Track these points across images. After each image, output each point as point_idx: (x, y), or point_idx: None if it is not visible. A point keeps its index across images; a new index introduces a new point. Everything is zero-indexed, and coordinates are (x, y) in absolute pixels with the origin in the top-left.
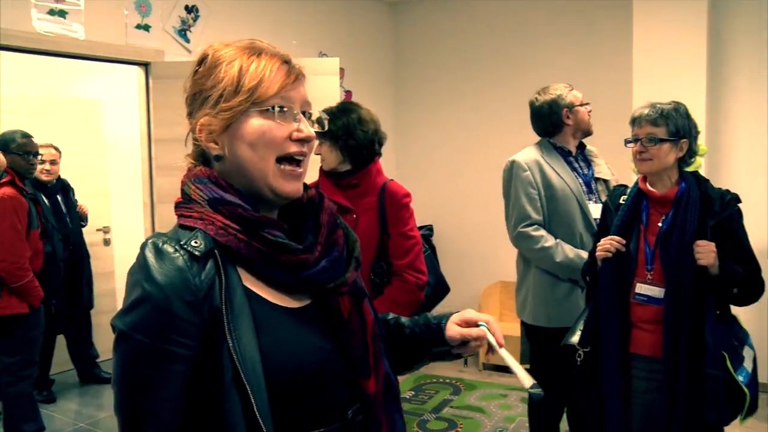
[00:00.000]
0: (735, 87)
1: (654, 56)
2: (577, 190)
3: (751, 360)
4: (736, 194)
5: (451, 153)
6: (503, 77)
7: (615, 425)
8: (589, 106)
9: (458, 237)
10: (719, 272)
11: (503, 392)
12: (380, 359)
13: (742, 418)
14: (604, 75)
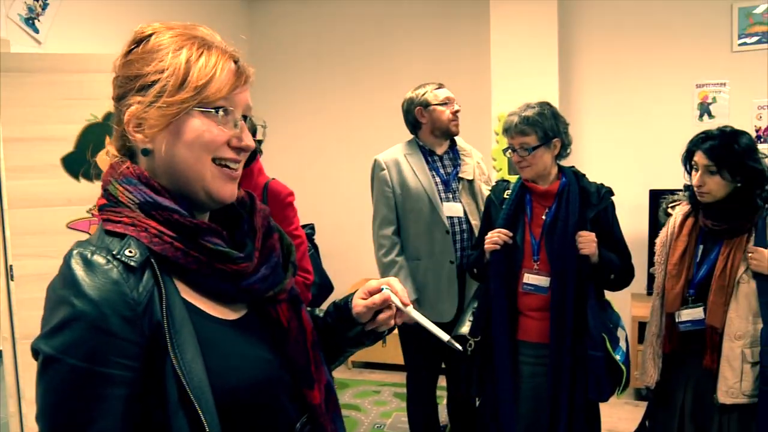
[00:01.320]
0: (584, 85)
1: (510, 55)
2: (430, 189)
3: (624, 340)
4: (610, 188)
5: (320, 150)
6: (369, 75)
7: (506, 409)
8: (455, 106)
9: (338, 235)
10: (599, 260)
11: (376, 388)
12: (321, 367)
13: (619, 393)
14: (464, 71)
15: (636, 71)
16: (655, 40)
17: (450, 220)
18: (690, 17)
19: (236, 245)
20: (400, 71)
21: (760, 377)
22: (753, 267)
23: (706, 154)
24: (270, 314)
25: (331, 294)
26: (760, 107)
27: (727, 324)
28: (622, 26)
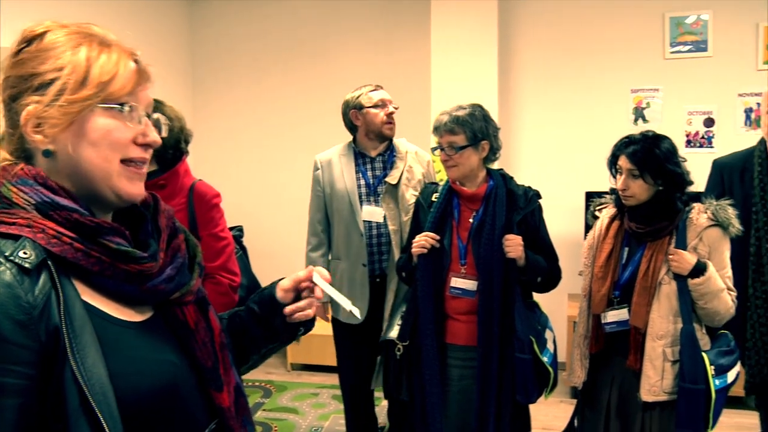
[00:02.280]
0: (523, 88)
1: (450, 57)
2: (353, 191)
3: (552, 342)
4: (537, 190)
5: (257, 151)
6: (309, 75)
7: (434, 413)
8: (389, 108)
9: (268, 237)
10: (525, 263)
11: (314, 391)
12: (230, 369)
13: (546, 395)
14: (404, 73)
15: (574, 75)
16: (592, 46)
17: (368, 224)
18: (625, 25)
19: (140, 246)
20: (340, 72)
21: (680, 375)
22: (673, 268)
23: (630, 159)
24: (177, 316)
25: None
26: (691, 113)
27: (650, 324)
28: (560, 32)
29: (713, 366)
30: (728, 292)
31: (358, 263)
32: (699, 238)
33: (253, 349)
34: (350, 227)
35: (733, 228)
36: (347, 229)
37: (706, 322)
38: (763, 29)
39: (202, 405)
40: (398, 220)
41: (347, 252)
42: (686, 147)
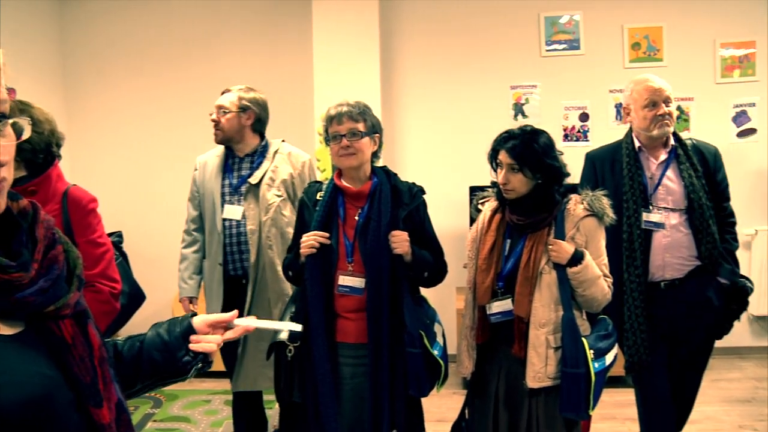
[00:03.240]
0: (406, 86)
1: (332, 57)
2: (216, 190)
3: (441, 335)
4: (421, 186)
5: (135, 155)
6: (188, 76)
7: (328, 412)
8: (213, 115)
9: (150, 242)
10: (412, 259)
11: (206, 398)
12: (110, 385)
13: (438, 388)
14: (287, 73)
15: (455, 73)
16: (472, 44)
17: (228, 223)
18: (503, 23)
19: (12, 255)
20: (221, 73)
21: (562, 360)
22: (553, 258)
23: (509, 153)
24: (52, 330)
25: (143, 303)
26: (567, 108)
27: (533, 313)
28: (441, 31)
29: (592, 350)
30: (605, 278)
31: (216, 262)
32: (576, 228)
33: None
34: (213, 226)
35: (607, 217)
36: (211, 228)
37: (586, 308)
38: (628, 30)
39: (79, 422)
40: (257, 219)
41: (209, 251)
42: (564, 141)
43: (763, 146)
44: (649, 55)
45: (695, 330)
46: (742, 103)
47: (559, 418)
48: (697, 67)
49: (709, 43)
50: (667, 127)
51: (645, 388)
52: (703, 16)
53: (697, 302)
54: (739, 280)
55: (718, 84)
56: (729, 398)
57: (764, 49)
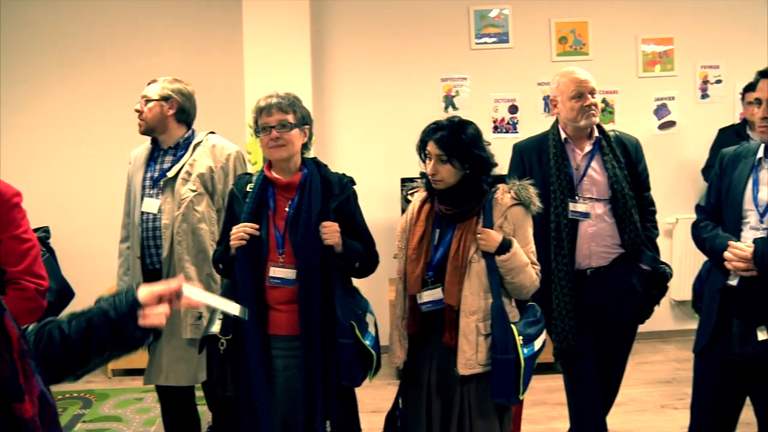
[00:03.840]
0: (337, 79)
1: (263, 50)
2: (138, 183)
3: (373, 325)
4: (351, 177)
5: (64, 150)
6: (117, 70)
7: (262, 405)
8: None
9: (79, 237)
10: (343, 249)
11: (138, 396)
12: (32, 378)
13: (371, 378)
14: (217, 66)
15: (386, 65)
16: (403, 37)
17: (146, 217)
18: (433, 17)
19: None
20: (152, 69)
21: (492, 347)
22: (482, 247)
23: (437, 144)
24: None
25: (72, 300)
26: (497, 100)
27: (462, 301)
28: (373, 24)
29: (522, 336)
30: (533, 266)
31: (135, 256)
32: (504, 217)
33: (97, 352)
34: (133, 219)
35: (534, 206)
36: (132, 221)
37: (515, 295)
38: (555, 24)
39: (1, 417)
40: (172, 214)
41: (132, 244)
42: (493, 132)
43: (682, 138)
44: (575, 49)
45: (620, 316)
46: (663, 96)
47: (490, 403)
48: (621, 62)
49: (632, 39)
50: (593, 117)
51: (573, 373)
52: (625, 12)
53: (622, 289)
54: (660, 267)
55: (640, 78)
56: (652, 380)
57: (682, 45)
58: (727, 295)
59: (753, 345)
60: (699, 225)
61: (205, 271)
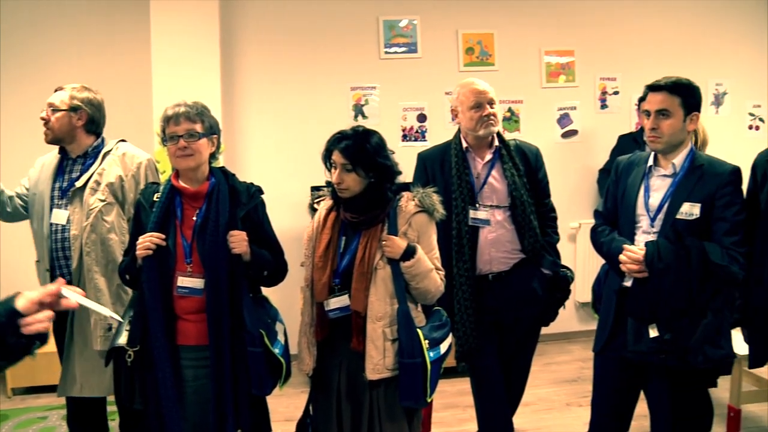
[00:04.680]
0: (247, 87)
1: (171, 58)
2: (46, 194)
3: (283, 333)
4: (259, 186)
5: None
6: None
7: (171, 417)
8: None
9: None
10: (251, 258)
11: (42, 414)
12: None
13: (281, 386)
14: (124, 74)
15: (297, 74)
16: (313, 45)
17: (54, 227)
18: (343, 26)
19: None
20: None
21: (399, 352)
22: (387, 253)
23: (342, 154)
24: None
25: None
26: (406, 109)
27: (369, 307)
28: (283, 33)
29: (428, 340)
30: (437, 271)
31: (44, 267)
32: (408, 224)
33: None
34: (41, 231)
35: (437, 213)
36: (40, 232)
37: (420, 300)
38: (462, 35)
39: None
40: (80, 225)
41: (41, 256)
42: (402, 141)
43: (584, 146)
44: (482, 60)
45: (522, 319)
46: (565, 106)
47: (399, 407)
48: (526, 72)
49: (535, 51)
50: (492, 127)
51: (477, 375)
52: (529, 25)
53: (523, 292)
54: (560, 270)
55: (543, 88)
56: (559, 379)
57: (582, 58)
58: (623, 296)
59: (645, 342)
60: (597, 229)
61: (115, 282)
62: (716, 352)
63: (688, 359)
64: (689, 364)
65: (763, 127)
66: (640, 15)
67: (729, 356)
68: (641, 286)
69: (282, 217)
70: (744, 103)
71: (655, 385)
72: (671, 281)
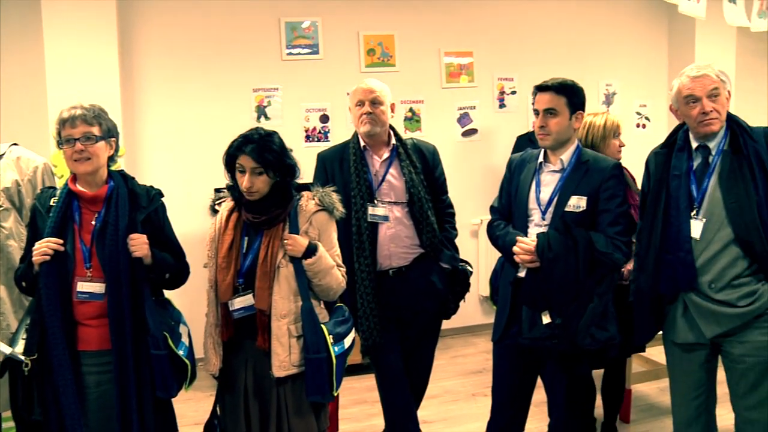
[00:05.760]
0: (148, 89)
1: (67, 60)
2: None
3: (187, 335)
4: (159, 189)
5: None
6: None
7: (74, 425)
8: None
9: None
10: (152, 261)
11: None
12: None
13: (186, 387)
14: (16, 73)
15: (198, 75)
16: (214, 47)
17: None
18: (245, 27)
19: None
20: None
21: (304, 348)
22: (289, 252)
23: (252, 157)
24: None
25: None
26: (308, 110)
27: (273, 306)
28: (184, 34)
29: (332, 335)
30: (338, 268)
31: None
32: (309, 223)
33: None
34: None
35: (337, 211)
36: None
37: (323, 297)
38: (363, 37)
39: None
40: None
41: None
42: (306, 142)
43: (483, 144)
44: (383, 61)
45: (422, 312)
46: (465, 106)
47: (306, 402)
48: (426, 73)
49: (435, 52)
50: (369, 125)
51: (381, 368)
52: (429, 26)
53: (423, 287)
54: (459, 265)
55: (444, 88)
56: (464, 371)
57: (481, 58)
58: (517, 286)
59: (539, 329)
60: (493, 224)
61: (16, 290)
62: (602, 333)
63: (576, 342)
64: (578, 346)
65: (649, 125)
66: (536, 18)
67: (613, 337)
68: (533, 276)
69: (185, 219)
70: (632, 103)
71: (550, 369)
72: (561, 269)
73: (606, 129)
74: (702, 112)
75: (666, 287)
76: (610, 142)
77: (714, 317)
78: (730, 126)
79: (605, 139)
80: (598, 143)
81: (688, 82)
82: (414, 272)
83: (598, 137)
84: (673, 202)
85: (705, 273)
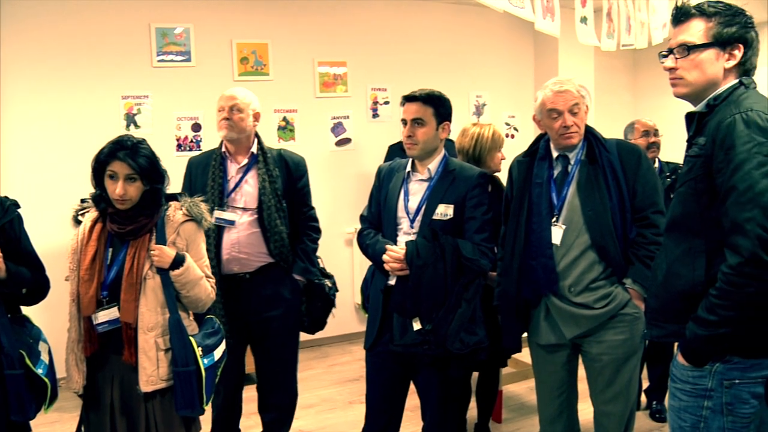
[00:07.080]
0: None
1: None
2: None
3: (47, 353)
4: (15, 200)
5: None
6: None
7: None
8: None
9: None
10: (7, 276)
11: None
12: None
13: (46, 409)
14: None
15: (65, 80)
16: (82, 52)
17: None
18: (113, 32)
19: None
20: None
21: (173, 361)
22: (156, 263)
23: (128, 164)
24: None
25: None
26: (180, 118)
27: (140, 318)
28: (50, 36)
29: (201, 347)
30: (207, 279)
31: None
32: (177, 233)
33: None
34: None
35: (205, 222)
36: None
37: (192, 309)
38: (236, 45)
39: None
40: None
41: None
42: (177, 150)
43: (357, 153)
44: (256, 69)
45: (271, 320)
46: (339, 115)
47: (176, 417)
48: (300, 82)
49: (309, 61)
50: (225, 130)
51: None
52: (302, 35)
53: (269, 295)
54: (315, 278)
55: (318, 98)
56: (341, 379)
57: (354, 69)
58: (388, 294)
59: (410, 335)
60: (363, 233)
61: None
62: (471, 338)
63: (446, 346)
64: (448, 350)
65: (517, 135)
66: (410, 30)
67: (482, 341)
68: (403, 283)
69: (51, 230)
70: (501, 114)
71: (423, 374)
72: (429, 276)
73: (493, 141)
74: (563, 126)
75: (528, 292)
76: (495, 154)
77: (573, 319)
78: (587, 137)
79: (491, 151)
80: (485, 155)
81: (552, 96)
82: (261, 279)
83: (485, 149)
84: (536, 209)
85: (565, 277)
